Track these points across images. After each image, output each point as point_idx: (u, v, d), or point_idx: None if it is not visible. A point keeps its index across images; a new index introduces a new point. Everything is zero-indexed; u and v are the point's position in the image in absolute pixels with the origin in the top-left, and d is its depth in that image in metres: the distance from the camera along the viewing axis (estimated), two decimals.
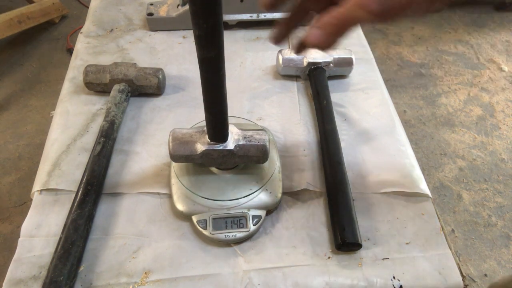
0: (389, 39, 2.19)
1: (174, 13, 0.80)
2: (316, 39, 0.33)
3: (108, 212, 0.52)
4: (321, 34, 0.33)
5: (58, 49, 2.04)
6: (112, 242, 0.50)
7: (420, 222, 0.53)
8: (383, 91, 0.70)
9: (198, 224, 0.49)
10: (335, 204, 0.52)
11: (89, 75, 0.65)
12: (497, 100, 1.85)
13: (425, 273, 0.48)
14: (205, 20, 0.33)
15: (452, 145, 1.66)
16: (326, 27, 0.33)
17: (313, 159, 0.59)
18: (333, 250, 0.49)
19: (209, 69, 0.38)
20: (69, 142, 0.60)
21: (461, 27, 2.28)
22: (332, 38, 0.33)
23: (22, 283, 0.46)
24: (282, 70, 0.71)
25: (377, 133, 0.63)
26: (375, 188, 0.56)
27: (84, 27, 0.83)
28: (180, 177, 0.53)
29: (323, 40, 0.33)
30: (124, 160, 0.58)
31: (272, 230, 0.51)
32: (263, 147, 0.48)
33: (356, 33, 0.82)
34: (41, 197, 0.54)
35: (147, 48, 0.78)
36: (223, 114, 0.44)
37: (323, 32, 0.33)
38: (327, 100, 0.64)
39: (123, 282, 0.46)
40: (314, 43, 0.33)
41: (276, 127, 0.64)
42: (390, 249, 0.50)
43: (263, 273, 0.47)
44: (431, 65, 2.04)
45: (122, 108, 0.63)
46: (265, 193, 0.52)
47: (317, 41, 0.33)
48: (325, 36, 0.33)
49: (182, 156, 0.49)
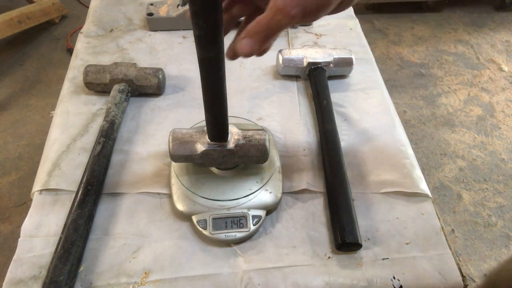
0: (389, 39, 2.19)
1: (174, 13, 0.80)
2: (247, 48, 0.35)
3: (108, 212, 0.52)
4: (251, 43, 0.34)
5: (58, 49, 2.04)
6: (112, 242, 0.50)
7: (420, 222, 0.52)
8: (383, 91, 0.70)
9: (198, 224, 0.49)
10: (335, 204, 0.52)
11: (89, 75, 0.65)
12: (497, 100, 1.85)
13: (425, 273, 0.48)
14: (205, 20, 0.33)
15: (452, 145, 1.66)
16: (254, 36, 0.34)
17: (313, 159, 0.59)
18: (333, 250, 0.49)
19: (209, 69, 0.38)
20: (69, 142, 0.60)
21: (461, 27, 2.28)
22: (262, 45, 0.35)
23: (22, 283, 0.46)
24: (282, 70, 0.71)
25: (377, 133, 0.63)
26: (375, 188, 0.56)
27: (84, 27, 0.83)
28: (180, 177, 0.53)
29: (254, 49, 0.35)
30: (124, 160, 0.58)
31: (272, 230, 0.51)
32: (263, 147, 0.48)
33: (356, 33, 0.82)
34: (41, 197, 0.54)
35: (147, 48, 0.78)
36: (223, 114, 0.44)
37: (253, 41, 0.34)
38: (327, 100, 0.64)
39: (123, 282, 0.46)
40: (246, 53, 0.35)
41: (276, 127, 0.64)
42: (390, 249, 0.50)
43: (263, 273, 0.47)
44: (431, 65, 2.04)
45: (122, 108, 0.63)
46: (265, 193, 0.52)
47: (249, 51, 0.35)
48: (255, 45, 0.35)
49: (182, 156, 0.49)
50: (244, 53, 0.35)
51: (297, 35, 0.82)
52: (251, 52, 0.35)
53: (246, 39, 0.34)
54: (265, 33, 0.34)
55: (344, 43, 0.80)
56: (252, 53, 0.35)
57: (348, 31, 0.83)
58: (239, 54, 0.36)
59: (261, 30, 0.34)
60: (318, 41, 0.80)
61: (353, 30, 0.83)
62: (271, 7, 0.33)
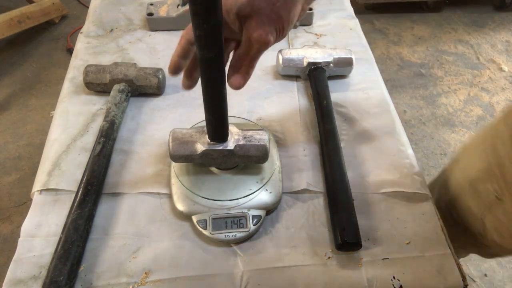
0: (389, 39, 2.19)
1: (174, 13, 0.80)
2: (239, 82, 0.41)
3: (108, 212, 0.52)
4: (240, 77, 0.41)
5: (58, 49, 2.04)
6: (112, 242, 0.50)
7: (420, 222, 0.52)
8: (383, 91, 0.70)
9: (198, 224, 0.49)
10: (335, 204, 0.52)
11: (89, 75, 0.65)
12: (497, 100, 1.85)
13: (425, 273, 0.48)
14: (205, 20, 0.33)
15: (452, 145, 1.65)
16: (241, 70, 0.40)
17: (313, 159, 0.59)
18: (333, 250, 0.49)
19: (209, 69, 0.38)
20: (69, 142, 0.60)
21: (461, 27, 2.28)
22: (249, 74, 0.41)
23: (22, 283, 0.46)
24: (282, 70, 0.71)
25: (377, 133, 0.63)
26: (375, 188, 0.56)
27: (84, 27, 0.83)
28: (180, 177, 0.53)
29: (245, 80, 0.41)
30: (124, 160, 0.58)
31: (272, 230, 0.51)
32: (263, 147, 0.48)
33: (356, 33, 0.82)
34: (41, 197, 0.54)
35: (147, 48, 0.78)
36: (223, 114, 0.44)
37: (241, 75, 0.41)
38: (327, 100, 0.64)
39: (123, 282, 0.46)
40: (239, 86, 0.41)
41: (276, 127, 0.64)
42: (390, 249, 0.50)
43: (263, 273, 0.47)
44: (431, 65, 2.04)
45: (122, 108, 0.63)
46: (265, 193, 0.52)
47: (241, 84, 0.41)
48: (243, 78, 0.41)
49: (182, 156, 0.49)
50: (237, 87, 0.41)
51: (297, 35, 0.82)
52: (243, 83, 0.41)
53: (235, 76, 0.41)
54: (248, 64, 0.40)
55: (344, 43, 0.80)
56: (244, 84, 0.41)
57: (348, 31, 0.83)
58: (232, 89, 0.41)
59: (245, 64, 0.40)
60: (318, 41, 0.80)
61: (353, 30, 0.83)
62: (246, 40, 0.39)
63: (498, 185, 0.53)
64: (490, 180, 0.54)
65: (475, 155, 0.60)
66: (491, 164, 0.54)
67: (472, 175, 0.59)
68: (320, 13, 0.86)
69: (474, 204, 0.59)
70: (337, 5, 0.89)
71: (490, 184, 0.54)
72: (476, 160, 0.59)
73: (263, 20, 0.37)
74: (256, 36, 0.37)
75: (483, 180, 0.56)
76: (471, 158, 0.61)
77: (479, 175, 0.57)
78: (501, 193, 0.53)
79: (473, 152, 0.61)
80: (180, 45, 0.41)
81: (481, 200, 0.57)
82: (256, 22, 0.37)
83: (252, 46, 0.39)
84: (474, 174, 0.58)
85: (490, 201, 0.55)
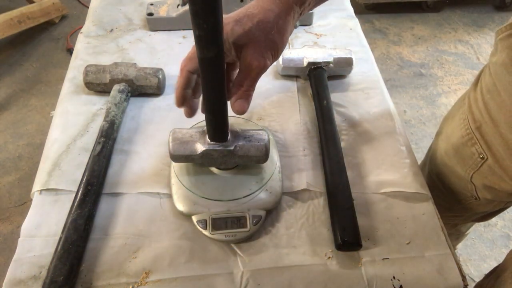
0: (389, 39, 2.19)
1: (174, 13, 0.80)
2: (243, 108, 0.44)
3: (108, 212, 0.52)
4: (243, 102, 0.44)
5: (58, 49, 2.05)
6: (112, 242, 0.50)
7: (420, 222, 0.53)
8: (383, 91, 0.70)
9: (198, 224, 0.49)
10: (335, 204, 0.52)
11: (89, 75, 0.65)
12: None
13: (425, 273, 0.48)
14: (205, 20, 0.33)
15: None
16: (243, 95, 0.43)
17: (313, 159, 0.59)
18: (333, 250, 0.49)
19: (209, 69, 0.38)
20: (69, 142, 0.60)
21: (461, 27, 2.28)
22: (251, 98, 0.44)
23: (22, 283, 0.46)
24: (282, 70, 0.71)
25: (377, 133, 0.63)
26: (375, 188, 0.56)
27: (84, 27, 0.83)
28: (180, 177, 0.53)
29: (248, 104, 0.44)
30: (124, 160, 0.58)
31: (272, 230, 0.51)
32: (263, 147, 0.48)
33: (356, 33, 0.82)
34: (41, 197, 0.54)
35: (147, 48, 0.78)
36: (223, 114, 0.44)
37: (243, 100, 0.44)
38: (327, 100, 0.64)
39: (123, 282, 0.46)
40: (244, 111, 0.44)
41: (276, 127, 0.64)
42: (390, 249, 0.50)
43: (263, 273, 0.47)
44: (431, 65, 2.04)
45: (122, 108, 0.63)
46: (265, 193, 0.52)
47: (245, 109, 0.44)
48: (246, 102, 0.44)
49: (182, 156, 0.49)
50: (243, 111, 0.44)
51: (297, 35, 0.82)
52: (247, 107, 0.44)
53: (238, 101, 0.43)
54: (249, 87, 0.43)
55: (344, 43, 0.80)
56: (248, 108, 0.44)
57: (348, 31, 0.83)
58: (238, 114, 0.44)
59: (246, 87, 0.43)
60: (318, 41, 0.80)
61: (353, 30, 0.83)
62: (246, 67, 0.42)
63: (481, 147, 0.59)
64: (472, 144, 0.60)
65: (455, 123, 0.65)
66: (470, 129, 0.60)
67: (455, 142, 0.64)
68: (320, 13, 0.86)
69: (460, 168, 0.65)
70: (337, 5, 0.89)
71: (473, 147, 0.60)
72: (456, 128, 0.64)
73: (260, 47, 0.41)
74: (256, 63, 0.41)
75: (466, 144, 0.62)
76: (452, 127, 0.66)
77: (461, 141, 0.63)
78: (484, 152, 0.59)
79: (453, 121, 0.66)
80: (182, 77, 0.43)
81: (466, 163, 0.62)
82: (253, 50, 0.41)
83: (251, 71, 0.42)
84: (457, 141, 0.64)
85: (475, 162, 0.61)
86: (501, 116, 0.55)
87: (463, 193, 0.68)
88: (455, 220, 0.79)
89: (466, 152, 0.62)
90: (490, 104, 0.57)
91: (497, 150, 0.57)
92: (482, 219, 0.80)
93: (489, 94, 0.57)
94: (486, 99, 0.57)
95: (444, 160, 0.69)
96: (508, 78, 0.53)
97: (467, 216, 0.77)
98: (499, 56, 0.54)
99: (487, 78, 0.58)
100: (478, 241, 1.37)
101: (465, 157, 0.63)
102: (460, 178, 0.66)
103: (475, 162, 0.61)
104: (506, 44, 0.53)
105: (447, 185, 0.70)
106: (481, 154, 0.59)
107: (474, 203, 0.68)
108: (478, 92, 0.60)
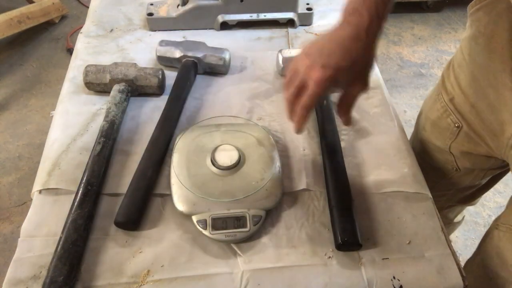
0: (389, 39, 2.19)
1: (174, 13, 0.80)
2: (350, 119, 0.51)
3: (108, 212, 0.52)
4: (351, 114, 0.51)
5: (58, 49, 2.04)
6: (112, 242, 0.50)
7: (420, 222, 0.53)
8: (383, 91, 0.70)
9: (198, 224, 0.49)
10: (335, 204, 0.52)
11: (89, 75, 0.65)
12: None
13: (425, 273, 0.48)
14: None
15: None
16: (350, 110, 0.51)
17: (313, 159, 0.59)
18: (333, 250, 0.49)
19: None
20: (69, 142, 0.60)
21: (461, 27, 2.28)
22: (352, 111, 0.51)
23: (22, 283, 0.46)
24: (282, 70, 0.71)
25: (377, 133, 0.63)
26: (375, 188, 0.56)
27: (84, 27, 0.83)
28: (180, 177, 0.53)
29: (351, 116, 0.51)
30: (124, 160, 0.58)
31: (272, 230, 0.51)
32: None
33: None
34: (41, 197, 0.54)
35: (147, 48, 0.78)
36: None
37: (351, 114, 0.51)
38: (327, 100, 0.64)
39: (123, 282, 0.46)
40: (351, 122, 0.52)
41: (276, 127, 0.64)
42: (390, 249, 0.50)
43: (263, 273, 0.47)
44: (431, 65, 2.04)
45: (122, 108, 0.63)
46: (265, 193, 0.52)
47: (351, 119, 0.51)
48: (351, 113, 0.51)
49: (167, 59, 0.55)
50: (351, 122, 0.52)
51: (297, 35, 0.82)
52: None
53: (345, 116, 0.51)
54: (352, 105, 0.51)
55: None
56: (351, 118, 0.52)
57: None
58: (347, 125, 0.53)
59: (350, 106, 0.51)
60: None
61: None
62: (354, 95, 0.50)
63: (455, 116, 0.64)
64: (447, 115, 0.66)
65: (432, 101, 0.71)
66: (445, 102, 0.66)
67: (433, 117, 0.70)
68: (320, 13, 0.86)
69: (440, 141, 0.70)
70: (337, 5, 0.89)
71: (449, 118, 0.66)
72: (433, 104, 0.70)
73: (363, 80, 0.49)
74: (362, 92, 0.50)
75: (442, 117, 0.67)
76: (429, 105, 0.72)
77: (438, 114, 0.68)
78: (459, 121, 0.64)
79: (431, 100, 0.72)
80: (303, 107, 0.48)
81: (444, 134, 0.68)
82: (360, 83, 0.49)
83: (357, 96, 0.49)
84: (434, 115, 0.70)
85: (452, 132, 0.66)
86: (470, 87, 0.60)
87: (444, 167, 0.73)
88: (440, 202, 0.82)
89: (443, 123, 0.67)
90: (460, 77, 0.62)
91: (469, 118, 0.62)
92: (466, 201, 0.84)
93: (459, 68, 0.63)
94: (457, 72, 0.63)
95: (424, 136, 0.74)
96: (476, 49, 0.57)
97: (450, 194, 0.80)
98: (468, 30, 0.59)
99: (458, 54, 0.64)
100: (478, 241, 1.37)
101: (442, 129, 0.68)
102: (440, 151, 0.71)
103: (452, 132, 0.66)
104: (475, 17, 0.57)
105: (428, 161, 0.74)
106: (456, 123, 0.64)
107: (455, 175, 0.73)
108: (450, 68, 0.66)
